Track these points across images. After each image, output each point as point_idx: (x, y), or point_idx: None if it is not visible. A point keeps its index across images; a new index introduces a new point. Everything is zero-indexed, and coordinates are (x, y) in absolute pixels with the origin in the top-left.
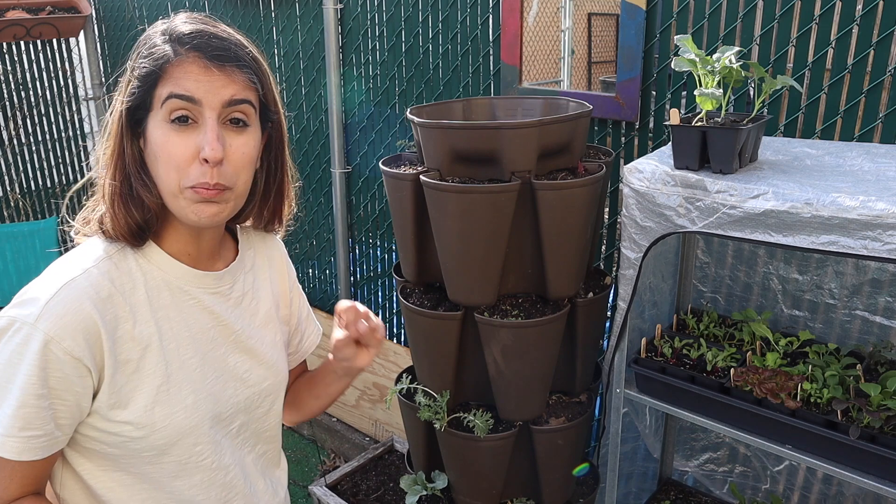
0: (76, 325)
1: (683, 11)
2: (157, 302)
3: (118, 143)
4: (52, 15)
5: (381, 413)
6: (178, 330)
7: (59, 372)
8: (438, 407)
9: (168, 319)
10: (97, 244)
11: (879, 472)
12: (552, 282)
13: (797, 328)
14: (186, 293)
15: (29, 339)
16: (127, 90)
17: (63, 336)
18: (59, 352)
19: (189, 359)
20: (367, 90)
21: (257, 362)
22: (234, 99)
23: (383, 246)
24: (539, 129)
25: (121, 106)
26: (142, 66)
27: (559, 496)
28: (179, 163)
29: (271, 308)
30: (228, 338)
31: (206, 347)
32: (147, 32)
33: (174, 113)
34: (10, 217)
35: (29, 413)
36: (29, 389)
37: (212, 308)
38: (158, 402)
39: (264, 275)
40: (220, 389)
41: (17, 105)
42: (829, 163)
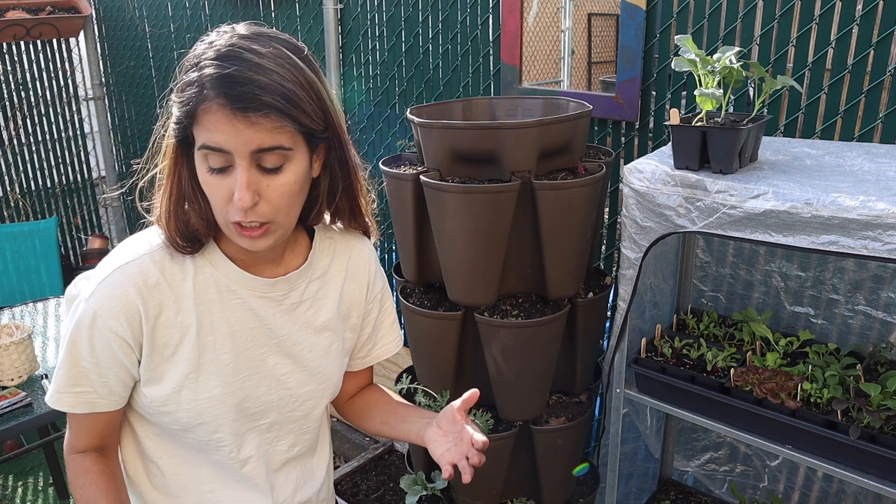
0: (119, 308)
1: (683, 11)
2: (202, 295)
3: (172, 165)
4: (52, 15)
5: None
6: (218, 325)
7: (106, 345)
8: (438, 407)
9: (210, 314)
10: (153, 232)
11: (879, 472)
12: (552, 282)
13: (799, 324)
14: (233, 293)
15: (84, 313)
16: (174, 117)
17: (108, 316)
18: (105, 329)
19: (223, 353)
20: (367, 90)
21: (300, 367)
22: (263, 148)
23: (383, 246)
24: (539, 129)
25: (172, 128)
26: (179, 102)
27: (559, 496)
28: (220, 203)
29: (334, 317)
30: (272, 340)
31: (244, 345)
32: (190, 53)
33: (208, 162)
34: (10, 217)
35: (79, 374)
36: (81, 354)
37: (257, 311)
38: (185, 387)
39: (336, 283)
40: (252, 385)
41: (17, 105)
42: (829, 163)
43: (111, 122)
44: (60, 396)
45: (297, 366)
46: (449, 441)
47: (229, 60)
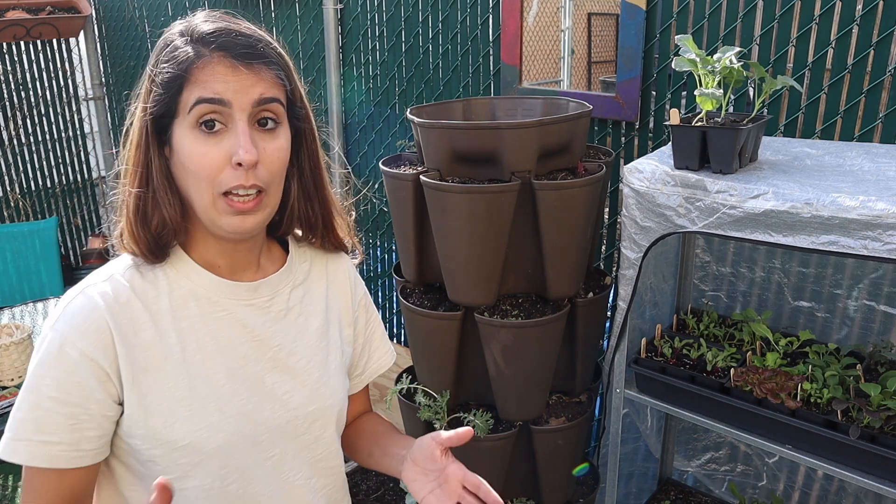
0: (87, 326)
1: (683, 11)
2: (181, 312)
3: (143, 155)
4: (52, 15)
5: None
6: (204, 342)
7: (76, 376)
8: (438, 407)
9: (193, 331)
10: (122, 258)
11: (879, 472)
12: (552, 282)
13: (802, 319)
14: (216, 304)
15: (50, 341)
16: (150, 98)
17: (76, 336)
18: (73, 352)
19: (216, 374)
20: (367, 90)
21: (300, 383)
22: (264, 97)
23: (383, 246)
24: (539, 129)
25: (143, 115)
26: (164, 72)
27: (559, 496)
28: (212, 171)
29: (325, 325)
30: (265, 354)
31: (236, 363)
32: (165, 35)
33: (202, 117)
34: (10, 217)
35: (43, 417)
36: (44, 391)
37: (245, 321)
38: (179, 418)
39: (319, 290)
40: (253, 410)
41: (17, 105)
42: (829, 163)
43: (111, 122)
44: (16, 445)
45: (297, 382)
46: (430, 481)
47: (221, 23)
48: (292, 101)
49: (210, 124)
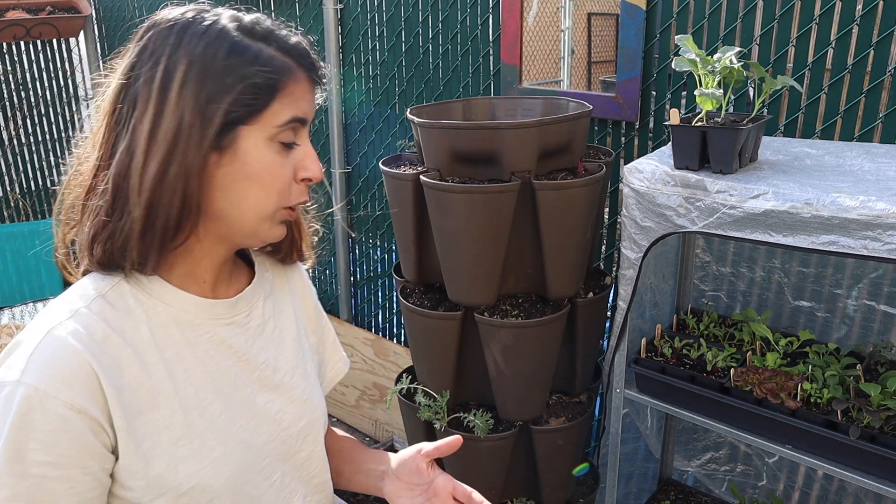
0: (68, 373)
1: (683, 11)
2: (164, 341)
3: (170, 144)
4: (52, 15)
5: (381, 413)
6: (194, 371)
7: (67, 433)
8: (438, 407)
9: (180, 360)
10: (86, 284)
11: (879, 472)
12: (552, 282)
13: (802, 319)
14: (198, 328)
15: (22, 399)
16: (227, 96)
17: (57, 387)
18: (60, 407)
19: (210, 404)
20: (367, 90)
21: (289, 400)
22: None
23: (383, 246)
24: (539, 129)
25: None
26: (255, 74)
27: (559, 496)
28: (285, 184)
29: (297, 335)
30: (252, 374)
31: (228, 388)
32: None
33: (289, 137)
34: (10, 217)
35: (33, 487)
36: (30, 457)
37: (230, 342)
38: (181, 459)
39: (286, 299)
40: (252, 436)
41: (17, 105)
42: (829, 163)
43: None
44: None
45: (286, 399)
46: (416, 496)
47: (297, 36)
48: None
49: (292, 144)
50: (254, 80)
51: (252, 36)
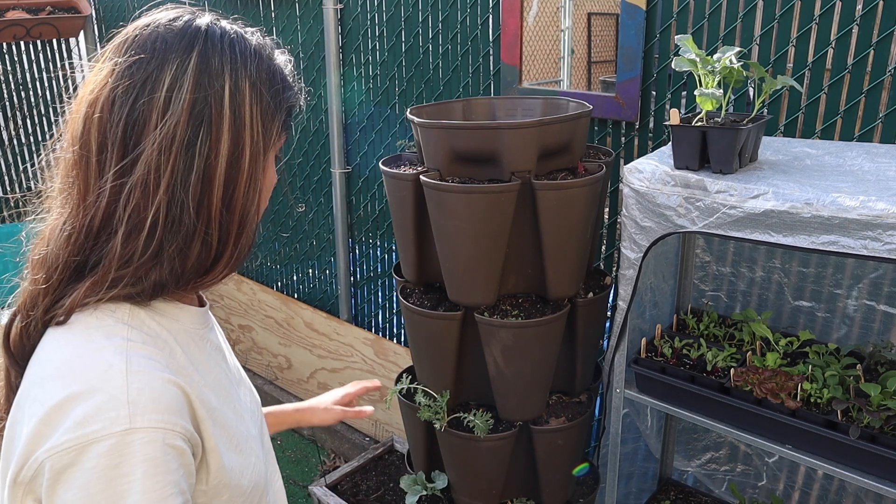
0: (174, 402)
1: (683, 11)
2: (192, 357)
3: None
4: (52, 15)
5: (381, 413)
6: (215, 377)
7: (182, 467)
8: (438, 407)
9: (208, 371)
10: (97, 320)
11: (879, 472)
12: (552, 282)
13: (802, 319)
14: (202, 337)
15: (125, 449)
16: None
17: (173, 419)
18: (178, 440)
19: (233, 408)
20: (367, 90)
21: (248, 389)
22: None
23: (383, 246)
24: (539, 129)
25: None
26: (289, 98)
27: (559, 496)
28: (270, 192)
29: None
30: (230, 371)
31: (230, 390)
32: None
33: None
34: (11, 217)
35: None
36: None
37: (217, 344)
38: (244, 465)
39: None
40: (249, 428)
41: (17, 105)
42: (829, 163)
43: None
44: None
45: (246, 388)
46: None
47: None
48: None
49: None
50: (290, 103)
51: (271, 56)
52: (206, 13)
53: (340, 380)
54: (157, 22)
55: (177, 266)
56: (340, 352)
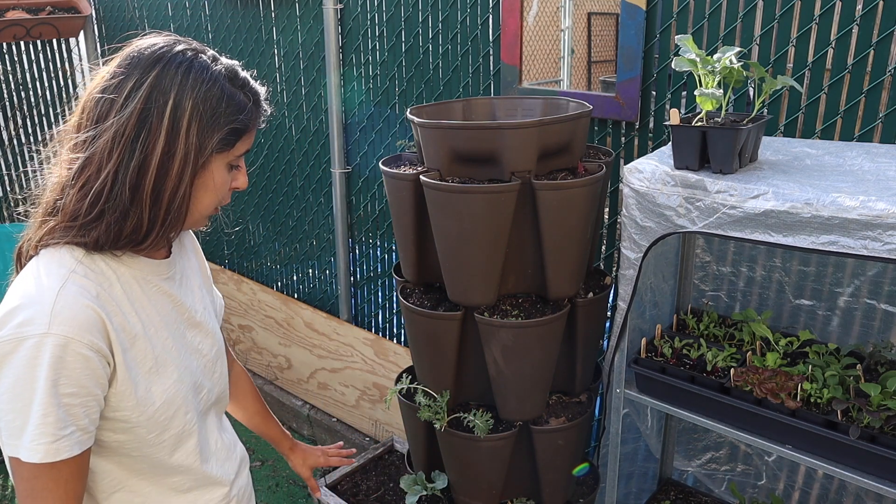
0: (88, 321)
1: (683, 11)
2: (131, 295)
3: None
4: (52, 15)
5: (381, 413)
6: (153, 317)
7: (88, 369)
8: (438, 407)
9: (144, 309)
10: (59, 255)
11: (879, 472)
12: (552, 282)
13: (803, 317)
14: (150, 283)
15: (42, 346)
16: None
17: (81, 333)
18: (83, 349)
19: (165, 340)
20: (367, 90)
21: (205, 334)
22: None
23: (383, 246)
24: (539, 129)
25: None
26: (235, 121)
27: (559, 496)
28: (224, 192)
29: (199, 283)
30: (183, 316)
31: (172, 327)
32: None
33: (237, 161)
34: (10, 217)
35: (65, 415)
36: (61, 391)
37: (169, 292)
38: (153, 383)
39: (186, 255)
40: (189, 362)
41: (17, 105)
42: (829, 163)
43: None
44: (58, 446)
45: (203, 333)
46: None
47: (255, 83)
48: None
49: (237, 166)
50: (235, 125)
51: (234, 83)
52: (182, 43)
53: (340, 380)
54: (142, 45)
55: (112, 232)
56: (340, 352)
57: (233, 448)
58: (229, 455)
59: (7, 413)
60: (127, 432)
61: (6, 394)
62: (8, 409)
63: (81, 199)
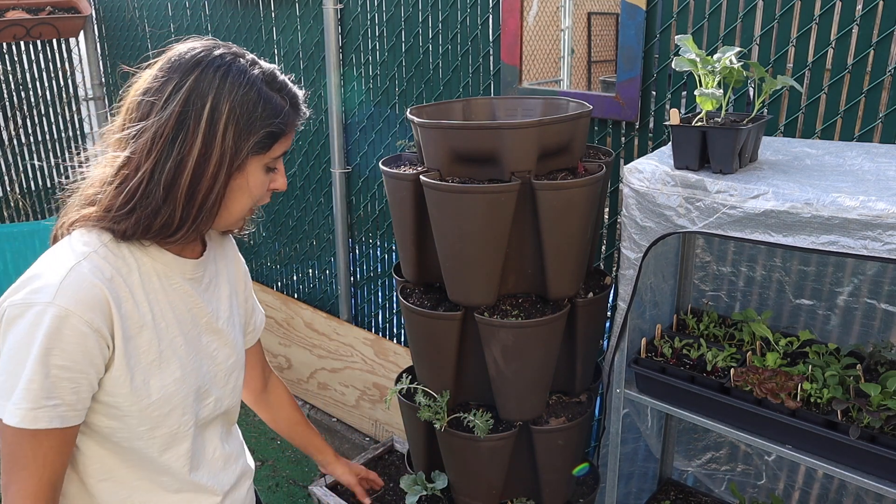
0: (93, 300)
1: (683, 11)
2: (148, 286)
3: (215, 168)
4: (52, 15)
5: (381, 413)
6: (166, 311)
7: (81, 344)
8: (438, 407)
9: (158, 302)
10: (88, 236)
11: (879, 472)
12: (552, 282)
13: (803, 317)
14: (171, 279)
15: (43, 314)
16: (253, 138)
17: (83, 310)
18: (81, 324)
19: (175, 337)
20: (367, 90)
21: (223, 342)
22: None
23: (383, 246)
24: (539, 129)
25: (246, 149)
26: (272, 124)
27: (559, 496)
28: (261, 194)
29: (230, 294)
30: (202, 319)
31: (186, 328)
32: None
33: (275, 163)
34: (10, 217)
35: (51, 385)
36: (52, 361)
37: (190, 293)
38: (152, 376)
39: (221, 264)
40: (198, 366)
41: (17, 105)
42: (829, 163)
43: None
44: (37, 414)
45: (221, 341)
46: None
47: (294, 86)
48: None
49: (275, 168)
50: (271, 129)
51: (271, 87)
52: (221, 47)
53: (340, 380)
54: (182, 49)
55: (142, 226)
56: (340, 352)
57: (234, 460)
58: (227, 466)
59: (3, 374)
60: (118, 420)
61: (6, 354)
62: (3, 369)
63: (118, 195)
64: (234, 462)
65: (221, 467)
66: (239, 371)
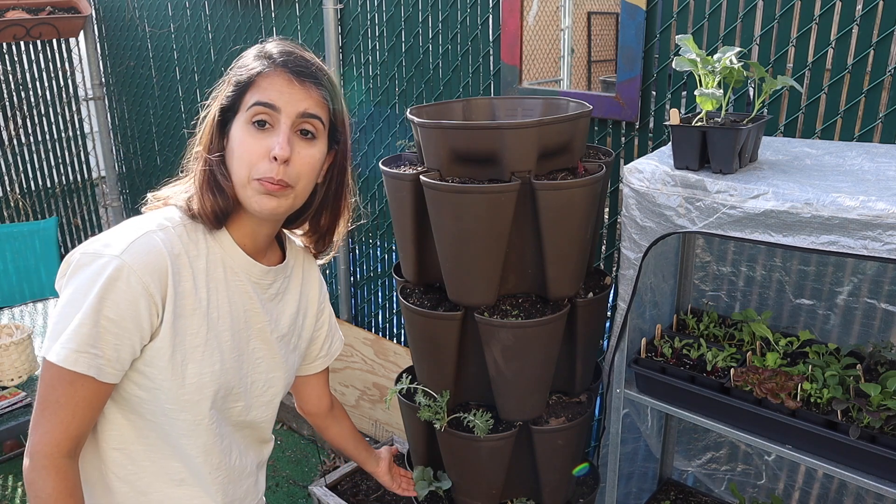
0: (153, 265)
1: (683, 11)
2: (212, 274)
3: (208, 138)
4: (52, 15)
5: (381, 413)
6: (222, 303)
7: (133, 303)
8: (438, 407)
9: (217, 292)
10: (175, 212)
11: (879, 472)
12: (552, 282)
13: (803, 317)
14: (237, 275)
15: (117, 268)
16: (222, 95)
17: (142, 271)
18: (137, 284)
19: (223, 331)
20: (367, 90)
21: (270, 355)
22: (308, 112)
23: (383, 246)
24: (539, 130)
25: (216, 106)
26: (237, 75)
27: (559, 496)
28: (252, 158)
29: (295, 314)
30: (256, 325)
31: (238, 326)
32: (244, 52)
33: (255, 117)
34: (10, 217)
35: (98, 333)
36: (104, 311)
37: (251, 295)
38: (192, 360)
39: (296, 284)
40: (238, 366)
41: (17, 105)
42: (829, 163)
43: (111, 123)
44: (79, 357)
45: (269, 352)
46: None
47: (287, 47)
48: (334, 123)
49: (261, 123)
50: (235, 79)
51: (259, 54)
52: (271, 42)
53: (340, 380)
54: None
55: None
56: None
57: (246, 477)
58: (238, 480)
59: (59, 317)
60: (149, 391)
61: (66, 298)
62: (60, 313)
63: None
64: (246, 480)
65: (233, 479)
66: (280, 388)
